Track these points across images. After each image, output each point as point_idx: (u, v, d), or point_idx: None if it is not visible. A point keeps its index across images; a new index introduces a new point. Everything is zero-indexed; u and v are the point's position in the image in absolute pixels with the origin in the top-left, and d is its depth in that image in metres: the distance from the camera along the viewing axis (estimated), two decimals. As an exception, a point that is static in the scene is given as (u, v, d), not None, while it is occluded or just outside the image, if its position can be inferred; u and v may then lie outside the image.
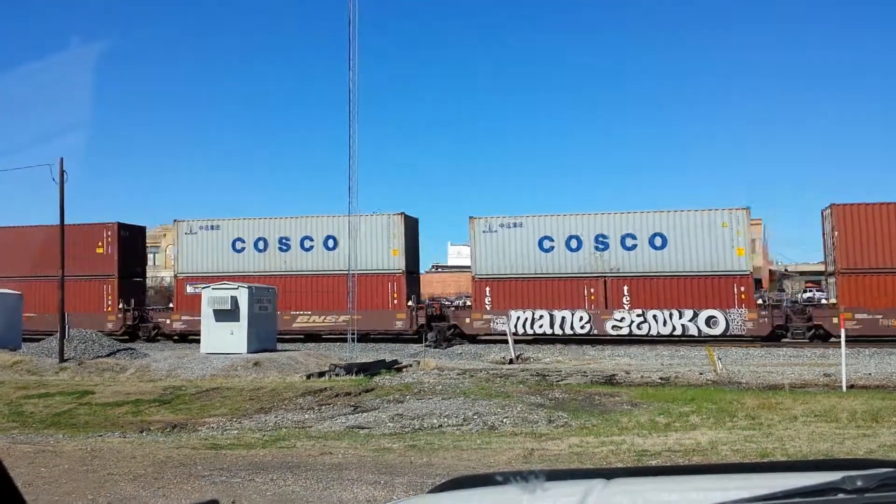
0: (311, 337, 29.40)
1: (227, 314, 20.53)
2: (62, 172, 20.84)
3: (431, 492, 1.90)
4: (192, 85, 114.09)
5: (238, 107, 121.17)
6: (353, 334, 23.87)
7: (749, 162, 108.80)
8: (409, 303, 28.70)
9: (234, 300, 20.56)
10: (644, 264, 26.92)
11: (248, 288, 21.15)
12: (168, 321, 30.85)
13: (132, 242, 33.15)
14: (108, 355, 21.36)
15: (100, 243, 31.52)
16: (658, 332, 26.62)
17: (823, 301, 27.87)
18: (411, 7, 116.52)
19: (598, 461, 7.65)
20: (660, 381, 16.12)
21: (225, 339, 20.43)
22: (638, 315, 26.80)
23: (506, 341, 23.64)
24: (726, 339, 26.17)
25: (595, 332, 27.13)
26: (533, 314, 27.54)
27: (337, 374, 17.46)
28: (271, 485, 6.65)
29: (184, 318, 29.86)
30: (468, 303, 29.27)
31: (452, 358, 22.62)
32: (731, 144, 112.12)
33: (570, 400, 12.79)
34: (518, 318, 27.50)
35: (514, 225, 28.12)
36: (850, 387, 13.84)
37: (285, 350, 22.01)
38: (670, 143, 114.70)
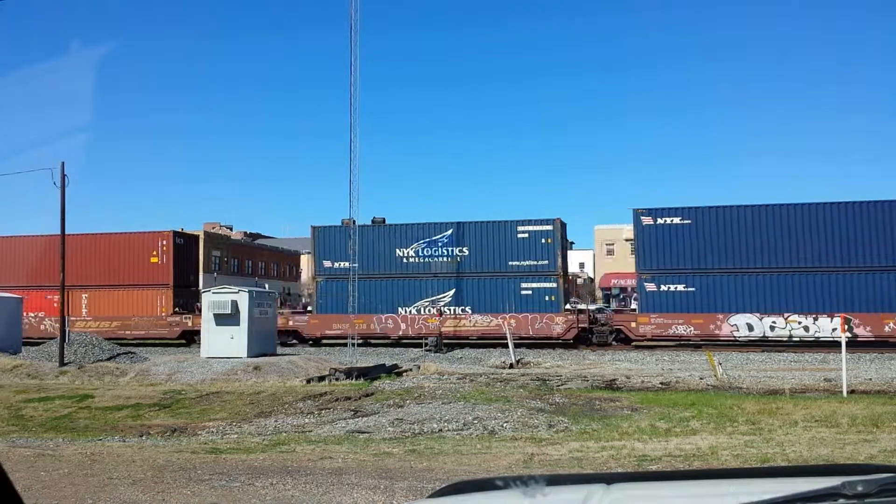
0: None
1: (227, 318, 20.53)
2: (63, 177, 20.88)
3: (431, 497, 1.90)
4: (190, 86, 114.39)
5: (235, 109, 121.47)
6: (353, 338, 23.84)
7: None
8: None
9: (235, 304, 20.56)
10: None
11: (249, 292, 21.17)
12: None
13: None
14: (109, 359, 21.36)
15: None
16: None
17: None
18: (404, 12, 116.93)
19: (598, 466, 7.64)
20: (660, 385, 16.12)
21: (225, 343, 20.43)
22: None
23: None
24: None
25: None
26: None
27: (337, 379, 17.44)
28: (271, 489, 6.64)
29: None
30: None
31: (452, 362, 22.62)
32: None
33: (571, 405, 12.78)
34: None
35: None
36: (851, 392, 13.84)
37: (285, 354, 22.01)
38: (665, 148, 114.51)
